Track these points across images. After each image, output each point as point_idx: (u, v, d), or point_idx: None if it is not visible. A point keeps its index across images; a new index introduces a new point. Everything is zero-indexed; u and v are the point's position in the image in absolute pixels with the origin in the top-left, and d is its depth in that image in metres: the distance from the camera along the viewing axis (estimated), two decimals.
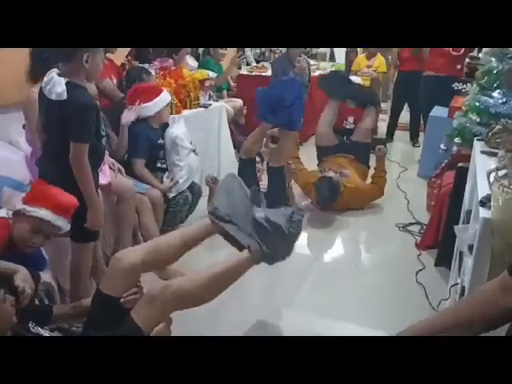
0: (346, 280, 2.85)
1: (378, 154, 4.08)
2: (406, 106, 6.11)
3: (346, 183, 3.77)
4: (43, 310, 1.79)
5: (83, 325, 1.68)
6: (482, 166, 1.92)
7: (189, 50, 4.43)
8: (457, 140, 3.03)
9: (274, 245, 1.81)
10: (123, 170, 2.80)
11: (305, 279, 2.87)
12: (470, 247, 1.70)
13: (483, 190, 1.69)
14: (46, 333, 1.53)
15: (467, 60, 4.93)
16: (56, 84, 1.90)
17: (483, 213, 1.56)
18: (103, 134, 2.08)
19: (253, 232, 1.83)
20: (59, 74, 1.92)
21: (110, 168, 2.69)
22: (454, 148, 3.21)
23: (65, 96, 1.88)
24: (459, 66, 4.79)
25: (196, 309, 2.36)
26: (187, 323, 2.30)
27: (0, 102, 2.69)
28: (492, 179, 1.69)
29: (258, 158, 3.64)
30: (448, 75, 4.76)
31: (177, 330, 1.78)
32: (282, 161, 3.57)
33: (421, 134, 5.73)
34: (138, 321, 1.58)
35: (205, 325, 2.33)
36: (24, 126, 2.57)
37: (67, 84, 1.89)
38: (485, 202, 1.62)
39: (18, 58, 2.44)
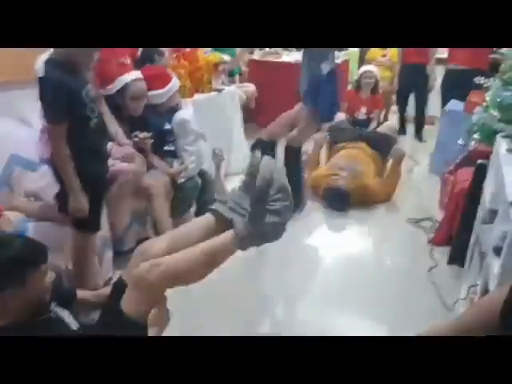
0: (355, 275, 2.79)
1: (396, 155, 3.78)
2: None
3: (357, 182, 3.62)
4: (67, 292, 1.70)
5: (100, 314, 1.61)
6: (510, 166, 1.86)
7: None
8: (476, 136, 2.96)
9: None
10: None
11: (311, 276, 2.80)
12: (496, 249, 1.65)
13: None
14: (68, 316, 1.47)
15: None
16: (39, 61, 1.82)
17: None
18: (92, 115, 1.88)
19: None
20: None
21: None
22: (472, 144, 3.13)
23: (41, 73, 1.79)
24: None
25: (208, 304, 2.33)
26: (196, 319, 2.26)
27: (9, 78, 2.60)
28: None
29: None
30: (471, 68, 4.56)
31: (179, 328, 1.72)
32: (302, 142, 3.50)
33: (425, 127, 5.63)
34: (128, 310, 1.47)
35: (218, 323, 2.30)
36: None
37: (46, 61, 1.78)
38: None
39: None
